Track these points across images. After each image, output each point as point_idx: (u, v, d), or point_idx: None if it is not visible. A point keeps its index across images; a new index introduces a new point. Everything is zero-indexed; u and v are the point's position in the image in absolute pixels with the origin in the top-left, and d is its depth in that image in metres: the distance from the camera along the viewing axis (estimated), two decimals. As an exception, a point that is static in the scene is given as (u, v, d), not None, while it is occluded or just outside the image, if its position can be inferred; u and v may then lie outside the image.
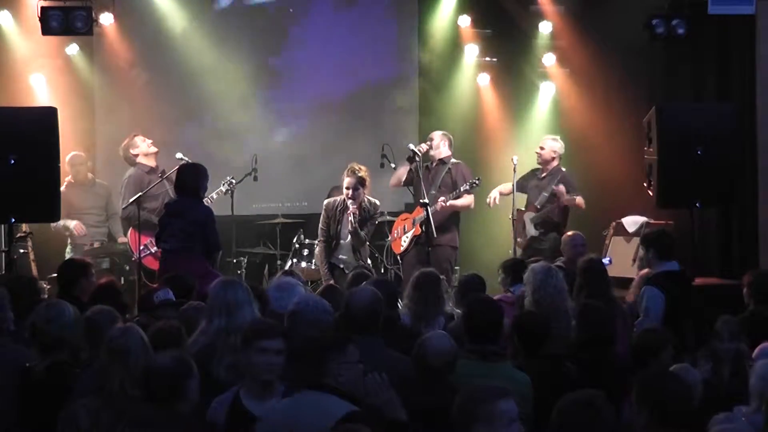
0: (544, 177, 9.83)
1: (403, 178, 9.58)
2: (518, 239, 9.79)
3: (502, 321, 5.23)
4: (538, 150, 9.87)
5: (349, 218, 8.76)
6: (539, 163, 9.89)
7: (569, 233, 8.41)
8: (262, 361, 4.42)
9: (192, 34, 11.01)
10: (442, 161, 9.60)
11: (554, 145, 9.85)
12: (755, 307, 6.63)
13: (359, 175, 8.81)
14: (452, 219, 9.48)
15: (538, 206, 9.74)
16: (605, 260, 8.33)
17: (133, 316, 5.62)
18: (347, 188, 8.82)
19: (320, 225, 9.01)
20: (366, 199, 8.91)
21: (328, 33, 11.44)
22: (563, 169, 9.85)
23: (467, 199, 9.46)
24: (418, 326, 5.94)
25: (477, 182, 9.39)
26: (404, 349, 5.08)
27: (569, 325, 5.84)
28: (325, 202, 9.11)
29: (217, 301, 5.15)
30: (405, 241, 9.59)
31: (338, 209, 8.92)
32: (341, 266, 8.96)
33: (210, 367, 4.80)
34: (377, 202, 9.06)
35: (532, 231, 9.69)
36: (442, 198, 9.26)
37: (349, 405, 4.08)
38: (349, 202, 8.80)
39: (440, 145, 9.62)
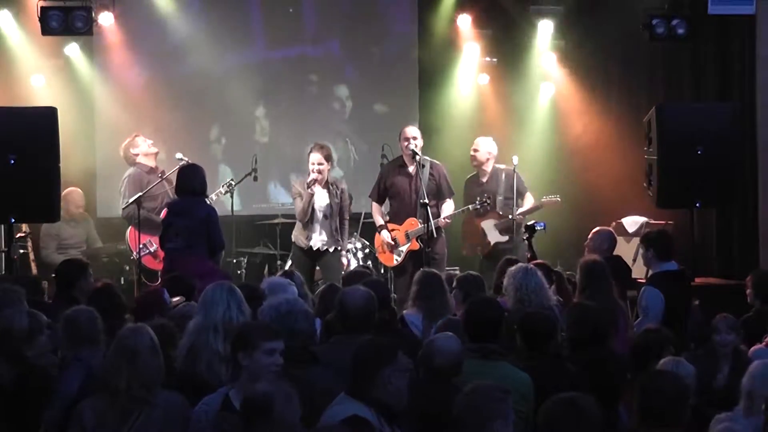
0: (487, 181, 9.53)
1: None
2: (478, 247, 9.51)
3: (502, 320, 5.23)
4: (473, 152, 9.56)
5: (313, 191, 8.75)
6: (474, 166, 9.59)
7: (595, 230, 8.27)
8: (270, 362, 4.39)
9: (192, 33, 11.00)
10: (421, 164, 9.02)
11: (489, 146, 9.58)
12: (761, 307, 6.64)
13: (325, 151, 8.86)
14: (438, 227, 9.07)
15: (500, 212, 9.44)
16: (539, 225, 8.28)
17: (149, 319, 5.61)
18: (313, 163, 8.80)
19: (298, 208, 8.97)
20: (330, 177, 8.95)
21: (328, 33, 11.45)
22: (502, 168, 9.58)
23: (451, 206, 9.20)
24: (428, 325, 5.94)
25: (488, 202, 9.08)
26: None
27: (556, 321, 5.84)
28: (296, 182, 9.09)
29: (199, 301, 5.21)
30: (399, 256, 9.16)
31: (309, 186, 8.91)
32: (315, 247, 8.94)
33: (194, 367, 4.79)
34: (343, 181, 9.16)
35: (497, 237, 9.41)
36: (444, 217, 8.96)
37: (359, 410, 4.08)
38: (314, 175, 8.76)
39: (420, 138, 9.12)
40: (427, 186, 8.95)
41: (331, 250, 9.02)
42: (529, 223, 8.32)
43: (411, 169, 9.08)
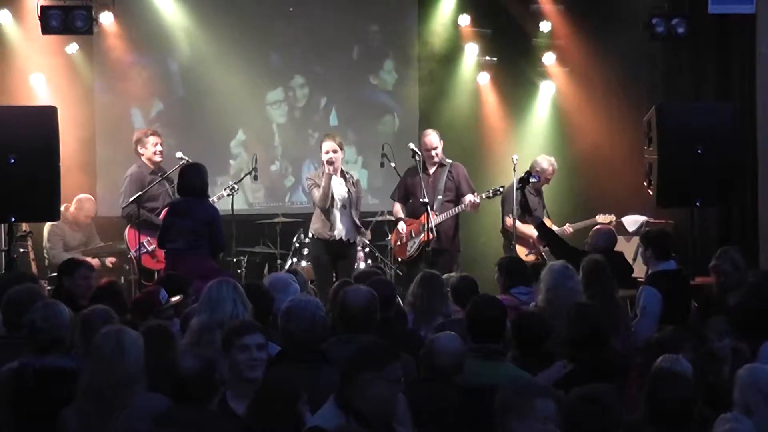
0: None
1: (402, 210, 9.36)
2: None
3: (504, 320, 5.22)
4: (552, 169, 9.63)
5: (331, 171, 8.74)
6: (546, 179, 9.63)
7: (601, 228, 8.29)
8: (244, 357, 4.43)
9: (192, 32, 11.00)
10: (441, 164, 9.21)
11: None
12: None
13: (338, 140, 8.89)
14: (455, 224, 9.20)
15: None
16: (534, 177, 8.30)
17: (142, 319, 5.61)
18: (327, 152, 8.77)
19: (317, 196, 8.87)
20: (342, 168, 8.96)
21: (329, 32, 11.45)
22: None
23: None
24: (419, 323, 6.00)
25: (500, 190, 9.04)
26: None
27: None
28: (310, 174, 9.12)
29: (202, 299, 5.26)
30: (412, 246, 9.19)
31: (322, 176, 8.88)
32: (338, 237, 8.88)
33: None
34: (355, 173, 9.24)
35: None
36: (472, 198, 8.93)
37: (326, 420, 3.98)
38: (330, 156, 8.74)
39: (440, 147, 9.23)
40: (445, 185, 9.12)
41: (352, 241, 9.02)
42: (523, 175, 8.26)
43: (431, 170, 9.21)
